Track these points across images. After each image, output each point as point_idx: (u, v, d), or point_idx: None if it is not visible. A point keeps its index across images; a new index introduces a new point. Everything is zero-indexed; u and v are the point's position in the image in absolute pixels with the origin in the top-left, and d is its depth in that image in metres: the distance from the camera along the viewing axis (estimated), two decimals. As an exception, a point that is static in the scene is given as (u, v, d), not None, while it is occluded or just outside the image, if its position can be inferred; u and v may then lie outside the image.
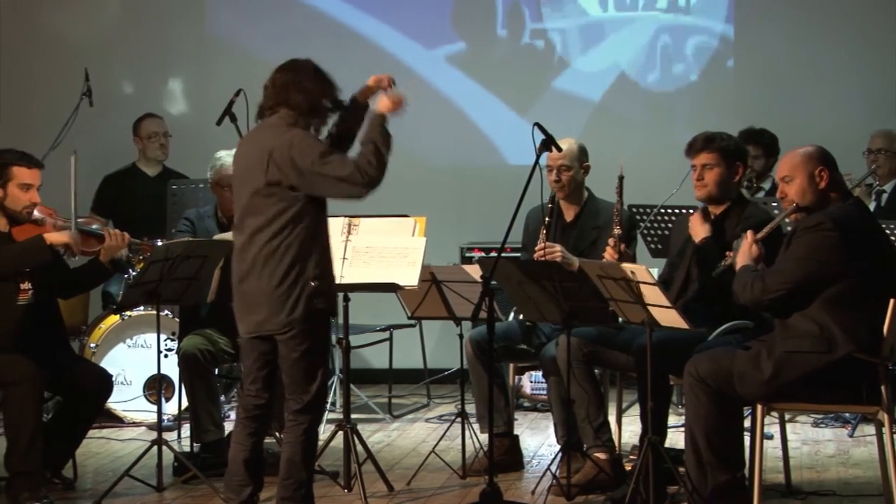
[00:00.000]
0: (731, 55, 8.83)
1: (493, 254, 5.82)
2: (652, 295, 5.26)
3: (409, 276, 5.82)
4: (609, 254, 5.78)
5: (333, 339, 7.62)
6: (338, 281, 5.78)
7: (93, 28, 9.15)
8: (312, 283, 5.09)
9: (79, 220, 6.09)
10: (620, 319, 5.59)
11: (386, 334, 7.98)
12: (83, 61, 8.35)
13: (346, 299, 6.04)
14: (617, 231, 5.85)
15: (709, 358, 5.29)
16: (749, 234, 5.29)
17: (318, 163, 5.01)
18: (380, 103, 5.18)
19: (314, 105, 5.12)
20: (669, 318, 5.29)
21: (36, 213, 6.00)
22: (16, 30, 9.09)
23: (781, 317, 5.18)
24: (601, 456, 5.91)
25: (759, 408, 5.23)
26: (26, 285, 5.96)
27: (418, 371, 8.35)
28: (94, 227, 6.20)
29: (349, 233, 6.01)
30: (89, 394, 6.08)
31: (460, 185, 8.89)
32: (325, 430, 6.98)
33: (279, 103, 5.11)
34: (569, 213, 6.35)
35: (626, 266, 5.34)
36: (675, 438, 6.33)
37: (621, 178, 5.85)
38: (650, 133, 8.75)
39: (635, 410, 6.51)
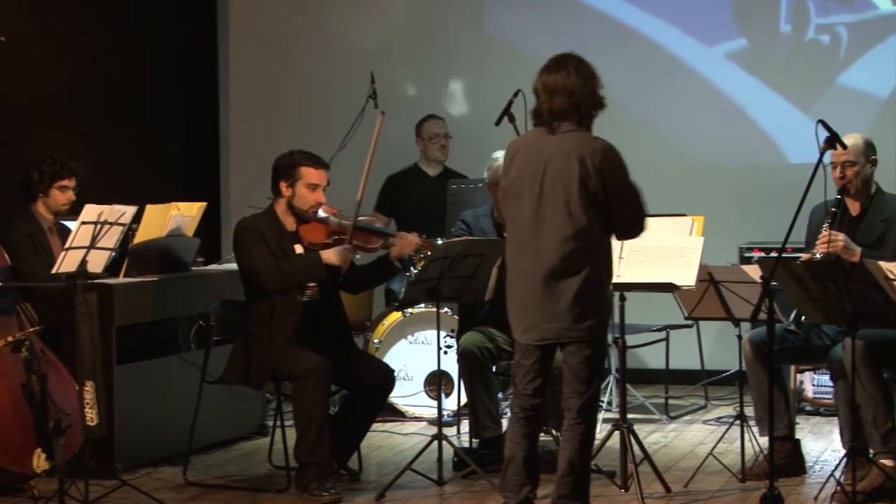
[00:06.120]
0: None
1: (773, 254, 5.70)
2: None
3: (686, 276, 5.76)
4: None
5: (609, 338, 7.64)
6: (614, 280, 5.77)
7: (378, 32, 9.41)
8: (608, 291, 5.19)
9: (361, 218, 6.27)
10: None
11: (662, 334, 7.91)
12: (369, 65, 8.58)
13: (623, 299, 6.02)
14: None
15: None
16: None
17: (628, 183, 5.11)
18: None
19: (590, 102, 5.17)
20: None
21: (321, 212, 6.21)
22: (310, 37, 9.43)
23: None
24: (888, 463, 5.73)
25: None
26: (311, 282, 6.18)
27: (695, 372, 8.25)
28: (377, 225, 6.39)
29: (626, 232, 5.98)
30: (373, 388, 6.25)
31: (740, 183, 8.73)
32: (601, 430, 6.99)
33: (561, 109, 5.14)
34: (854, 207, 6.18)
35: (915, 267, 5.16)
36: (969, 448, 6.07)
37: None
38: (942, 130, 8.37)
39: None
